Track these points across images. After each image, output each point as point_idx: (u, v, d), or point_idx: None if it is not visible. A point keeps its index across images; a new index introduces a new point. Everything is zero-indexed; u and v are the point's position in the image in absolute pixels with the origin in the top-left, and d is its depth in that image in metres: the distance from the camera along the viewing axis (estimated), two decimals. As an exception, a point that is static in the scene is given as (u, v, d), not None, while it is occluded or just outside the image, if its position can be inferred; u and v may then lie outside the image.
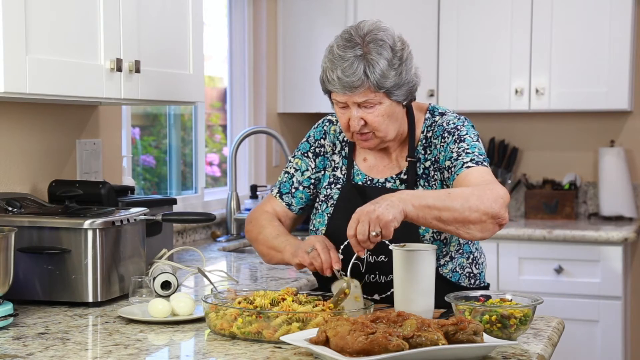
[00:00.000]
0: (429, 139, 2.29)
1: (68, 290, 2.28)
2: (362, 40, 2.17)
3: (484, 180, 2.12)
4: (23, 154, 2.66)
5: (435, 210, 2.00)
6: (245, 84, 4.44)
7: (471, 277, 2.33)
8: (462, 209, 2.02)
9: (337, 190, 2.34)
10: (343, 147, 2.38)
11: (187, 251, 3.30)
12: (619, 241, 4.02)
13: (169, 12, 2.69)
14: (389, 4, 4.42)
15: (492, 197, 2.05)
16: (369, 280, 2.28)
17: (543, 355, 1.83)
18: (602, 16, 4.25)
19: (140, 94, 2.50)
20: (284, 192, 2.40)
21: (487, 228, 2.06)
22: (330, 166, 2.38)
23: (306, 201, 2.40)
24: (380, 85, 2.16)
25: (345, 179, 2.34)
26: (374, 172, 2.34)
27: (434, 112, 2.32)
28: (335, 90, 2.18)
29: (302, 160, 2.40)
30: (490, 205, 2.03)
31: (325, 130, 2.41)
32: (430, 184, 2.27)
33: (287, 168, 2.42)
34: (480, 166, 2.16)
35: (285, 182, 2.41)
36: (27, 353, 1.81)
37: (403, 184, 2.28)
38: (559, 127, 4.72)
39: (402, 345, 1.64)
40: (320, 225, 2.33)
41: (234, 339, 1.90)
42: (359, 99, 2.17)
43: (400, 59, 2.19)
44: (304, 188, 2.39)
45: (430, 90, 4.49)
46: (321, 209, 2.35)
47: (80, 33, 2.28)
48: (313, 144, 2.40)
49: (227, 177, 4.11)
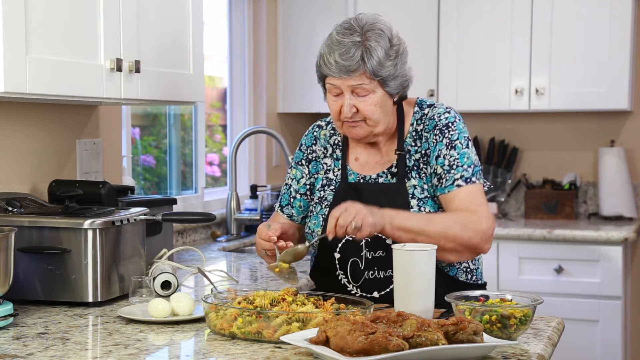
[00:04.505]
0: (420, 132, 2.32)
1: (68, 290, 2.28)
2: (362, 29, 2.22)
3: (472, 203, 2.21)
4: (23, 153, 2.66)
5: (412, 234, 2.13)
6: (245, 84, 4.44)
7: (468, 272, 2.35)
8: (438, 237, 2.14)
9: (331, 192, 2.36)
10: (334, 150, 2.41)
11: (187, 251, 3.30)
12: (619, 241, 4.02)
13: (169, 12, 2.69)
14: (389, 4, 4.42)
15: (474, 231, 2.16)
16: (368, 277, 2.30)
17: (543, 355, 1.83)
18: (602, 16, 4.25)
19: (140, 94, 2.50)
20: (284, 205, 2.44)
21: (463, 256, 2.22)
22: (322, 169, 2.41)
23: (305, 209, 2.43)
24: (376, 73, 2.19)
25: (338, 180, 2.36)
26: (366, 170, 2.36)
27: (422, 105, 2.36)
28: (332, 73, 2.21)
29: (297, 169, 2.44)
30: (469, 238, 2.16)
31: (315, 136, 2.44)
32: (421, 176, 2.29)
33: (286, 180, 2.47)
34: (470, 184, 2.23)
35: (284, 194, 2.45)
36: (27, 353, 1.81)
37: (394, 177, 2.31)
38: (559, 127, 4.72)
39: (402, 345, 1.64)
40: (316, 227, 2.34)
41: (234, 339, 1.90)
42: (354, 82, 2.20)
43: (397, 52, 2.24)
44: (301, 196, 2.42)
45: (430, 90, 4.49)
46: (316, 211, 2.37)
47: (80, 33, 2.28)
48: (305, 151, 2.44)
49: (227, 177, 4.11)
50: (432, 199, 2.28)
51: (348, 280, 2.31)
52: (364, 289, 2.30)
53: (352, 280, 2.31)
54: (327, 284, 2.32)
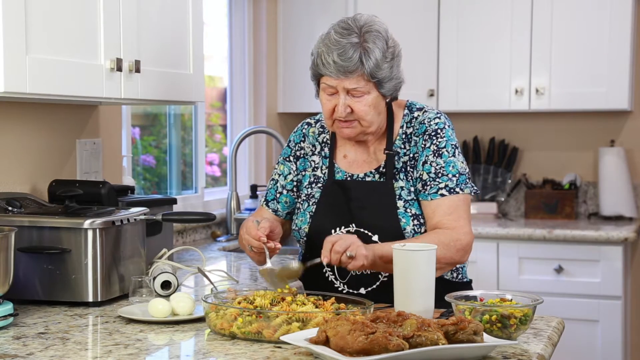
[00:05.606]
0: (409, 135, 2.34)
1: (68, 290, 2.28)
2: (360, 29, 2.23)
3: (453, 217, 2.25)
4: (23, 153, 2.66)
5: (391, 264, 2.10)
6: (245, 84, 4.44)
7: (453, 270, 2.38)
8: None
9: (318, 189, 2.38)
10: (322, 147, 2.42)
11: (187, 251, 3.30)
12: (619, 241, 4.02)
13: (169, 12, 2.69)
14: (389, 4, 4.42)
15: (455, 249, 2.22)
16: (354, 274, 2.32)
17: (543, 355, 1.83)
18: (602, 16, 4.25)
19: (140, 94, 2.50)
20: (269, 200, 2.46)
21: (444, 271, 2.29)
22: (310, 167, 2.42)
23: (291, 205, 2.45)
24: (373, 75, 2.21)
25: (325, 178, 2.37)
26: (353, 168, 2.37)
27: (412, 108, 2.37)
28: (329, 74, 2.22)
29: (284, 165, 2.45)
30: (450, 257, 2.22)
31: (304, 133, 2.46)
32: (408, 178, 2.31)
33: (273, 175, 2.48)
34: (453, 195, 2.27)
35: (270, 188, 2.47)
36: (27, 353, 1.81)
37: (382, 177, 2.33)
38: (559, 127, 4.72)
39: (402, 345, 1.64)
40: (303, 224, 2.35)
41: (234, 339, 1.90)
42: (350, 85, 2.21)
43: (392, 54, 2.25)
44: (287, 192, 2.43)
45: (430, 90, 4.49)
46: (303, 208, 2.38)
47: (81, 33, 2.28)
48: (293, 148, 2.46)
49: (227, 176, 4.11)
50: (419, 201, 2.30)
51: (335, 277, 2.33)
52: (350, 285, 2.31)
53: (339, 276, 2.32)
54: (314, 281, 2.34)
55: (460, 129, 4.67)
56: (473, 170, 4.73)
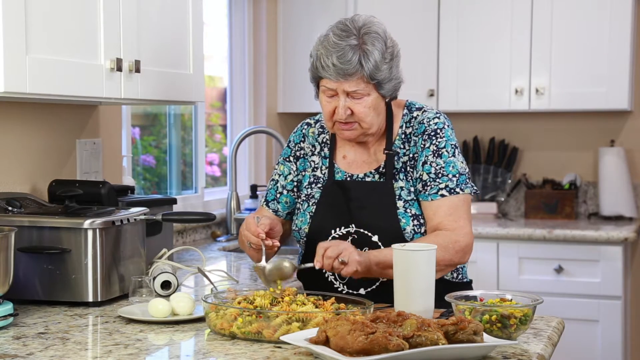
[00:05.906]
0: (409, 135, 2.34)
1: (68, 290, 2.28)
2: (358, 31, 2.22)
3: (453, 218, 2.25)
4: (23, 153, 2.66)
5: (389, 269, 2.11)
6: (245, 84, 4.44)
7: (454, 271, 2.38)
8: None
9: (318, 189, 2.38)
10: (322, 147, 2.42)
11: (187, 251, 3.30)
12: (619, 241, 4.02)
13: (169, 12, 2.69)
14: (389, 4, 4.42)
15: (454, 250, 2.22)
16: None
17: (543, 355, 1.83)
18: (602, 16, 4.24)
19: (140, 94, 2.50)
20: (269, 200, 2.46)
21: (444, 273, 2.28)
22: (310, 167, 2.42)
23: (291, 205, 2.45)
24: (372, 76, 2.21)
25: (325, 178, 2.37)
26: (353, 168, 2.37)
27: (411, 108, 2.37)
28: (329, 76, 2.21)
29: (284, 165, 2.45)
30: (450, 259, 2.22)
31: (304, 133, 2.46)
32: (408, 178, 2.31)
33: (273, 175, 2.48)
34: (453, 195, 2.27)
35: (270, 189, 2.47)
36: (27, 353, 1.81)
37: (382, 178, 2.32)
38: (559, 127, 4.72)
39: (402, 345, 1.64)
40: (303, 224, 2.35)
41: (234, 339, 1.90)
42: (350, 87, 2.21)
43: (391, 55, 2.25)
44: (287, 192, 2.43)
45: (430, 90, 4.49)
46: (303, 208, 2.38)
47: (80, 33, 2.28)
48: (293, 148, 2.46)
49: (227, 176, 4.11)
50: (418, 201, 2.30)
51: (335, 277, 2.33)
52: (350, 285, 2.31)
53: (339, 277, 2.32)
54: (314, 281, 2.34)
55: (460, 129, 4.67)
56: (473, 170, 4.73)
